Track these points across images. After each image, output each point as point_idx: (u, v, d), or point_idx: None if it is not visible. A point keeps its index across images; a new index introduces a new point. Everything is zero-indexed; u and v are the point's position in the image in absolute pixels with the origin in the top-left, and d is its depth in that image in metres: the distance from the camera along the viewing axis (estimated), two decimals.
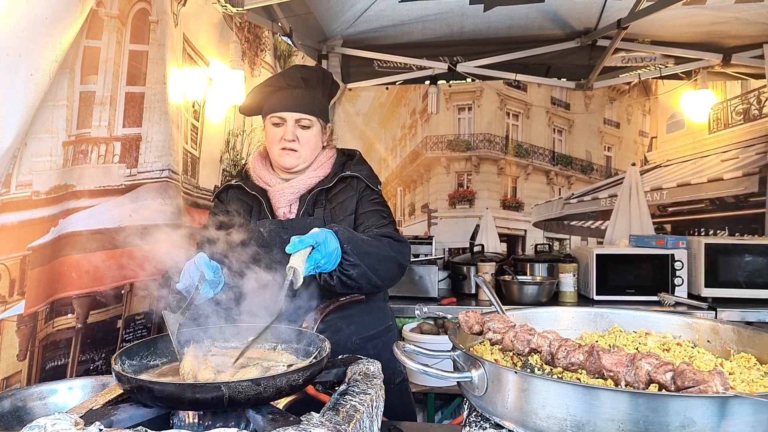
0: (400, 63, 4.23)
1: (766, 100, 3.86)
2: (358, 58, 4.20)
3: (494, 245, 4.27)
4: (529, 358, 1.08)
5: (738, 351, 1.14)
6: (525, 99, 4.25)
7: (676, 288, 3.51)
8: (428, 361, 1.01)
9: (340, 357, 1.35)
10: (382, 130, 4.41)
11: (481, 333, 1.10)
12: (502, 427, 0.91)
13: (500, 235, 4.29)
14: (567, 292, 3.60)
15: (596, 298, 3.54)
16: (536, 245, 4.10)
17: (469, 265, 3.81)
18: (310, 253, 1.40)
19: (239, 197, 1.85)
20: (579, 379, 0.93)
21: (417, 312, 1.27)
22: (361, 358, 1.29)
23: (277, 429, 0.85)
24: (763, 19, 3.59)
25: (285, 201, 1.80)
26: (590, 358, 0.89)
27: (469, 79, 4.21)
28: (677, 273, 3.51)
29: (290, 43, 3.36)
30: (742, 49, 3.89)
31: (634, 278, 3.56)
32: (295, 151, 1.78)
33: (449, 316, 1.19)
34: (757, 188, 3.87)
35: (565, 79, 4.21)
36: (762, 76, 3.83)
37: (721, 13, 3.53)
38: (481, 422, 0.96)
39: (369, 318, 1.86)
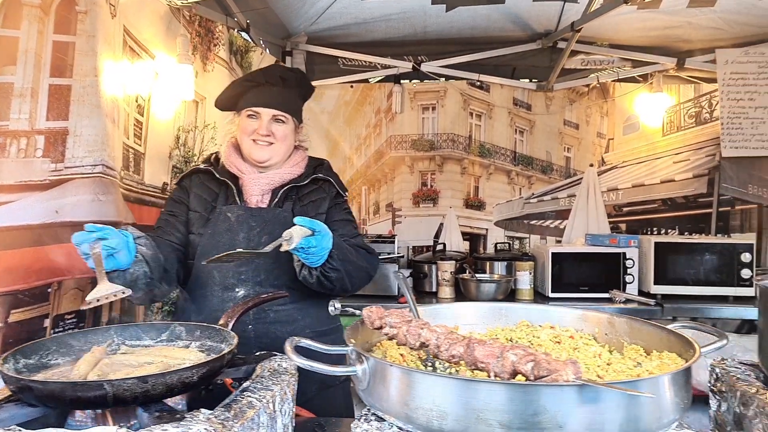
0: (365, 61, 4.25)
1: (716, 104, 3.96)
2: (322, 56, 4.21)
3: (457, 244, 4.31)
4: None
5: (630, 343, 1.20)
6: (488, 99, 4.30)
7: (627, 285, 3.59)
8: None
9: (257, 353, 1.37)
10: (347, 129, 4.43)
11: (381, 328, 1.13)
12: (384, 420, 0.94)
13: (463, 234, 4.34)
14: (523, 289, 3.66)
15: (551, 295, 3.61)
16: (496, 244, 4.16)
17: (430, 263, 3.86)
18: (309, 236, 1.48)
19: (205, 183, 1.86)
20: (457, 371, 0.96)
21: (330, 308, 1.30)
22: (276, 355, 1.31)
23: (156, 425, 0.86)
24: (714, 24, 3.69)
25: (258, 190, 1.82)
26: (467, 350, 0.93)
27: (442, 80, 4.24)
28: (628, 271, 3.59)
29: (248, 38, 3.35)
30: (696, 53, 3.99)
31: (587, 276, 3.64)
32: (269, 144, 1.81)
33: (358, 312, 1.21)
34: (705, 189, 3.99)
35: (527, 81, 4.27)
36: (714, 80, 3.94)
37: (674, 18, 3.61)
38: (369, 415, 0.98)
39: (324, 313, 1.89)
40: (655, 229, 4.10)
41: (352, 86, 4.36)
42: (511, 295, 3.67)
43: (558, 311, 1.33)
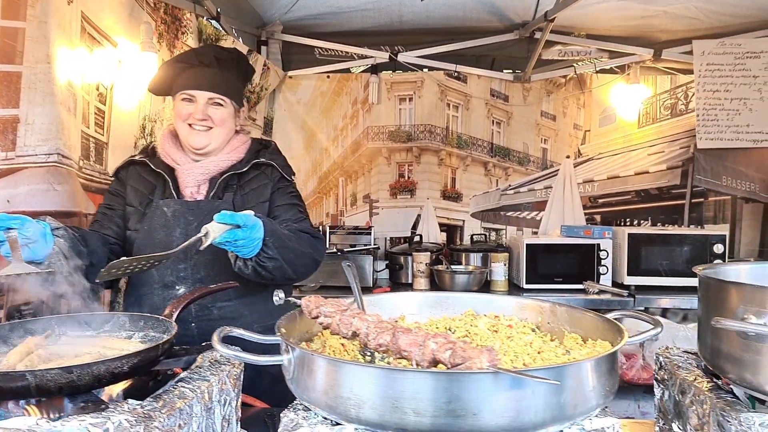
0: (342, 51, 4.21)
1: (692, 96, 3.97)
2: (298, 46, 4.17)
3: (434, 235, 4.31)
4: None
5: (570, 331, 1.20)
6: (465, 90, 4.29)
7: (601, 276, 3.61)
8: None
9: (203, 344, 1.36)
10: (323, 120, 4.40)
11: (318, 317, 1.12)
12: (310, 409, 0.93)
13: (440, 225, 4.33)
14: (498, 281, 3.67)
15: (526, 286, 3.62)
16: (472, 235, 4.16)
17: (406, 255, 3.86)
18: (233, 229, 1.40)
19: (141, 175, 1.78)
20: (389, 361, 0.96)
21: (275, 298, 1.29)
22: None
23: (76, 416, 0.85)
24: (691, 14, 3.69)
25: (193, 181, 1.75)
26: (393, 339, 0.92)
27: (426, 70, 4.21)
28: (602, 262, 3.61)
29: (218, 27, 3.31)
30: (672, 44, 3.99)
31: (562, 267, 3.65)
32: (207, 130, 1.74)
33: (299, 302, 1.20)
34: (679, 181, 4.01)
35: (504, 71, 4.26)
36: (691, 72, 3.95)
37: (650, 6, 3.61)
38: (297, 405, 0.98)
39: (273, 306, 1.86)
40: (628, 220, 4.13)
41: (328, 76, 4.33)
42: (485, 286, 3.68)
43: (503, 300, 1.32)
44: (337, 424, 0.87)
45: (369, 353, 1.15)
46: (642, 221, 4.13)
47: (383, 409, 0.80)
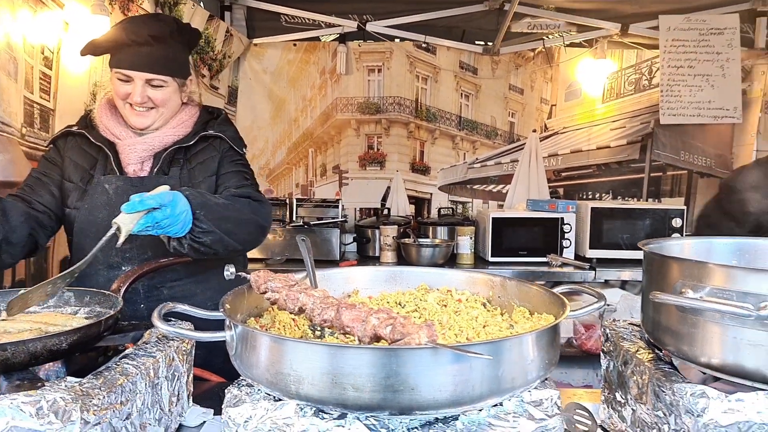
0: (308, 19, 4.11)
1: (656, 71, 4.01)
2: (263, 12, 4.06)
3: (403, 208, 4.32)
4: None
5: (519, 305, 1.21)
6: (434, 62, 4.25)
7: (564, 250, 3.68)
8: None
9: None
10: (291, 90, 4.31)
11: (266, 293, 1.11)
12: (252, 386, 0.93)
13: (409, 198, 4.34)
14: (464, 254, 3.71)
15: (491, 259, 3.67)
16: (440, 209, 4.18)
17: (374, 228, 3.85)
18: (147, 214, 1.31)
19: (81, 147, 1.69)
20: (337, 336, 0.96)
21: (226, 273, 1.26)
22: (170, 320, 1.27)
23: (8, 395, 0.83)
24: None
25: (136, 157, 1.66)
26: (336, 315, 0.92)
27: (397, 40, 4.13)
28: (566, 235, 3.67)
29: None
30: (639, 18, 4.00)
31: (526, 240, 3.70)
32: (148, 110, 1.65)
33: (249, 277, 1.18)
34: (638, 155, 4.10)
35: (473, 44, 4.22)
36: (656, 47, 3.98)
37: None
38: (241, 381, 0.97)
39: (227, 283, 1.82)
40: (590, 193, 4.20)
41: (295, 44, 4.23)
42: (451, 259, 3.71)
43: (455, 275, 1.33)
44: (279, 399, 0.87)
45: (319, 328, 1.15)
46: (603, 194, 4.21)
47: (322, 385, 0.80)
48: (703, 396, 0.91)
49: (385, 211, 4.22)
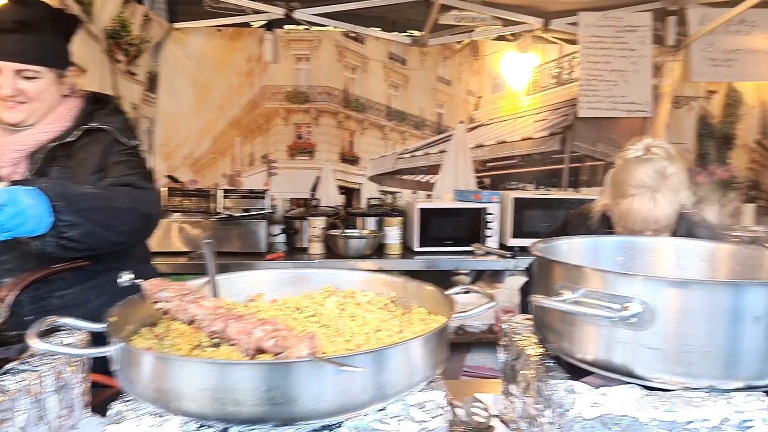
0: (233, 4, 3.98)
1: (576, 66, 4.18)
2: None
3: (334, 198, 4.31)
4: None
5: (418, 306, 1.25)
6: (363, 52, 4.23)
7: (488, 239, 3.80)
8: None
9: (43, 329, 1.28)
10: (216, 77, 4.18)
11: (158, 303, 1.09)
12: (137, 401, 0.92)
13: (340, 188, 4.33)
14: (392, 244, 3.76)
15: (418, 249, 3.74)
16: (369, 199, 4.21)
17: (302, 219, 3.83)
18: None
19: None
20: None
21: (119, 281, 1.22)
22: (61, 330, 1.22)
23: None
24: None
25: (9, 159, 1.52)
26: (224, 327, 0.92)
27: (329, 27, 4.05)
28: (489, 225, 3.79)
29: None
30: (561, 14, 4.14)
31: (453, 230, 3.80)
32: (20, 104, 1.52)
33: (140, 282, 1.15)
34: (558, 146, 4.28)
35: (401, 34, 4.24)
36: (576, 42, 4.13)
37: None
38: (127, 395, 0.95)
39: (127, 287, 1.72)
40: (515, 183, 4.36)
41: (219, 30, 4.10)
42: (380, 250, 3.76)
43: (360, 276, 1.35)
44: (163, 415, 0.86)
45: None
46: (527, 184, 4.37)
47: (202, 400, 0.80)
48: (572, 391, 0.98)
49: (315, 202, 4.20)
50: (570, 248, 1.38)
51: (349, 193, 4.34)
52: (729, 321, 0.91)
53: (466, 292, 1.31)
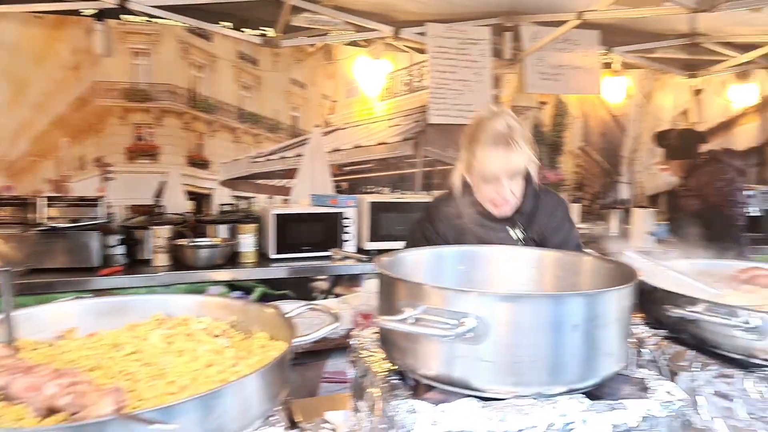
0: None
1: (425, 74, 4.36)
2: None
3: (181, 205, 4.01)
4: None
5: (260, 330, 1.17)
6: (210, 50, 4.00)
7: (345, 243, 3.80)
8: None
9: None
10: (35, 69, 3.66)
11: None
12: None
13: (189, 194, 4.04)
14: (247, 252, 3.59)
15: (274, 256, 3.62)
16: (221, 205, 3.98)
17: (144, 228, 3.49)
18: None
19: None
20: None
21: None
22: None
23: None
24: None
25: None
26: (9, 382, 0.75)
27: (172, 21, 3.70)
28: (346, 229, 3.79)
29: None
30: (410, 24, 4.28)
31: (310, 236, 3.73)
32: None
33: None
34: (412, 151, 4.45)
35: (253, 32, 4.07)
36: (425, 51, 4.30)
37: None
38: None
39: None
40: (372, 186, 4.43)
41: (38, 17, 3.59)
42: (234, 258, 3.57)
43: (193, 301, 1.23)
44: None
45: None
46: (383, 188, 4.46)
47: None
48: (413, 411, 0.97)
49: (159, 209, 3.87)
50: (415, 260, 1.39)
51: (199, 199, 4.07)
52: (552, 330, 0.96)
53: (311, 309, 1.26)
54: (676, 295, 1.25)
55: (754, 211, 4.32)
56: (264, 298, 3.67)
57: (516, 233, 1.89)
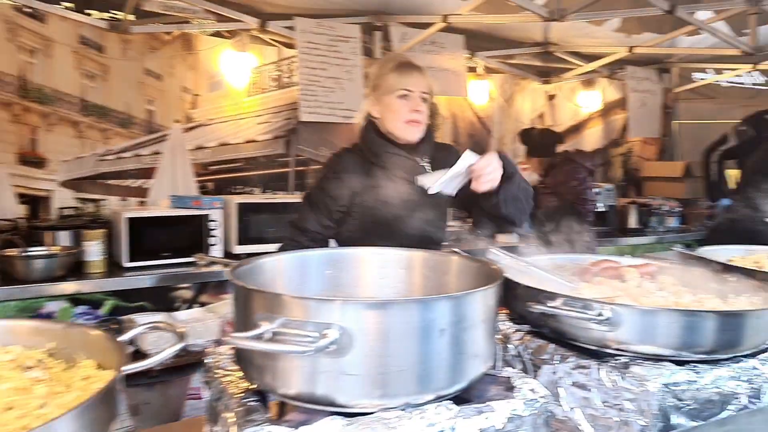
0: None
1: (295, 70, 4.22)
2: None
3: (11, 209, 3.46)
4: None
5: (86, 357, 0.98)
6: (44, 33, 3.49)
7: (212, 247, 3.54)
8: None
9: None
10: None
11: None
12: None
13: (21, 197, 3.50)
14: (93, 261, 3.19)
15: (128, 264, 3.26)
16: (62, 209, 3.51)
17: None
18: None
19: None
20: None
21: None
22: None
23: None
24: None
25: None
26: None
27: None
28: (212, 233, 3.54)
29: None
30: (277, 17, 4.11)
31: (170, 241, 3.42)
32: None
33: None
34: (283, 150, 4.28)
35: (98, 15, 3.64)
36: (294, 46, 4.16)
37: None
38: None
39: None
40: (242, 187, 4.20)
41: None
42: (78, 269, 3.15)
43: None
44: None
45: None
46: (254, 188, 4.25)
47: None
48: None
49: None
50: (276, 266, 1.27)
51: (34, 202, 3.54)
52: (419, 336, 0.91)
53: (153, 329, 1.09)
54: (537, 291, 1.26)
55: (600, 207, 4.77)
56: (116, 312, 3.29)
57: (423, 162, 1.93)
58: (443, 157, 1.94)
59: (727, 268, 1.65)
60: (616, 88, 6.06)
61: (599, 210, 4.73)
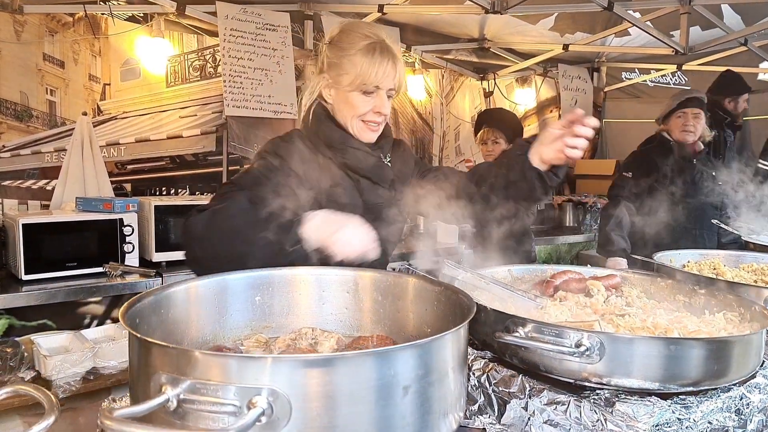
0: None
1: (220, 60, 3.88)
2: None
3: None
4: None
5: None
6: None
7: (127, 255, 3.17)
8: None
9: None
10: None
11: None
12: None
13: None
14: None
15: (26, 277, 2.84)
16: None
17: None
18: None
19: None
20: None
21: None
22: None
23: None
24: None
25: None
26: None
27: None
28: (127, 239, 3.16)
29: None
30: (198, 1, 3.75)
31: (77, 249, 3.02)
32: None
33: None
34: (214, 147, 3.93)
35: None
36: (217, 34, 3.81)
37: None
38: None
39: None
40: (165, 188, 3.80)
41: None
42: None
43: None
44: None
45: None
46: (180, 190, 3.87)
47: None
48: None
49: None
50: (187, 295, 1.02)
51: None
52: (377, 398, 0.70)
53: (13, 395, 0.81)
54: (504, 316, 1.09)
55: (539, 206, 4.75)
56: (11, 332, 2.87)
57: (386, 160, 1.63)
58: (399, 153, 1.70)
59: (692, 278, 1.56)
60: (549, 87, 6.11)
61: (538, 209, 4.71)
